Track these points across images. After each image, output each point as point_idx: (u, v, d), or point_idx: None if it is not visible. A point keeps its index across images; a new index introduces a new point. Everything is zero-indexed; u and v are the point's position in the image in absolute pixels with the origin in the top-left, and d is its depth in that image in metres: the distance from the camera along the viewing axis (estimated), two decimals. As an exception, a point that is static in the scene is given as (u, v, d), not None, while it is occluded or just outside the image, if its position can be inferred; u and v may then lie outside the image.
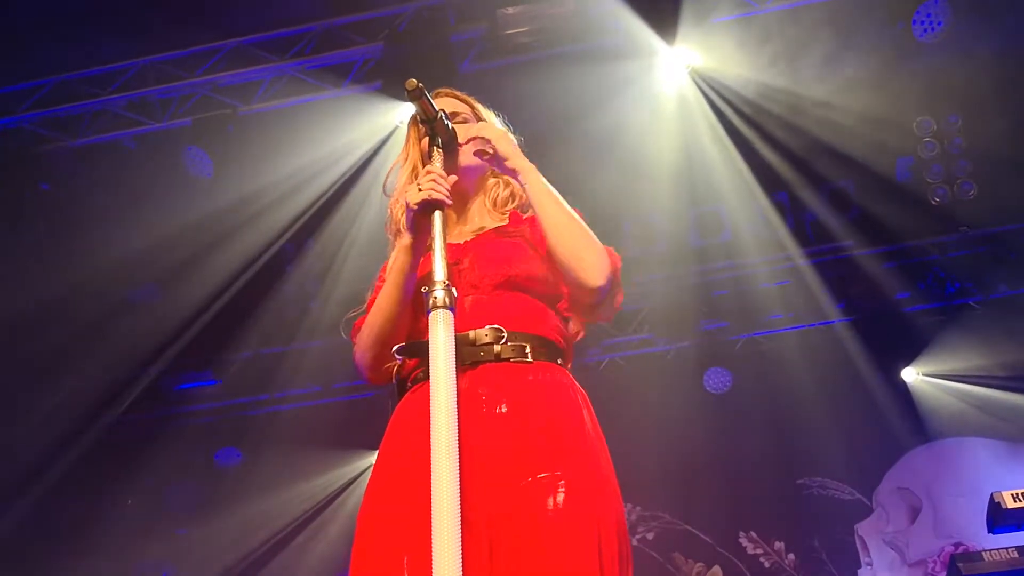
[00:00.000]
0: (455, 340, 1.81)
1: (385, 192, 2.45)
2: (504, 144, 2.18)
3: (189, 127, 5.84)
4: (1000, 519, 4.16)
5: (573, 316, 2.21)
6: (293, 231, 6.38)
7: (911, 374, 7.49)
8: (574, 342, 2.23)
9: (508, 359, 2.01)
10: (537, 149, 2.50)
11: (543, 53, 5.54)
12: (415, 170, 2.31)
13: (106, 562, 7.09)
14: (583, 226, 2.13)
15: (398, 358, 2.13)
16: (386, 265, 2.32)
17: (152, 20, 5.49)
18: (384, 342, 2.16)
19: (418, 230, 2.09)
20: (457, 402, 1.74)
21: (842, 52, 5.63)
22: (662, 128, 6.02)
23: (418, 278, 2.18)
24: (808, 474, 7.38)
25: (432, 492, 1.64)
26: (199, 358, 7.46)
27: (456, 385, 1.76)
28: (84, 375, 6.68)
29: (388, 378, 2.24)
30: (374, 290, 2.35)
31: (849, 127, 5.96)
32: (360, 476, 8.01)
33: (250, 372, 7.65)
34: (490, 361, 2.01)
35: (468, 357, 1.99)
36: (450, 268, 1.90)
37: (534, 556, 1.78)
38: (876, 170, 6.36)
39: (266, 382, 7.65)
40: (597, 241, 2.13)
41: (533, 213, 2.26)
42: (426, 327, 1.82)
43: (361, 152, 5.94)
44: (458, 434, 1.72)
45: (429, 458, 1.68)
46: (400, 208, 2.34)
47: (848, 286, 7.12)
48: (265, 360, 7.56)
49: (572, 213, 2.15)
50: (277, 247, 6.53)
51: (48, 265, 6.13)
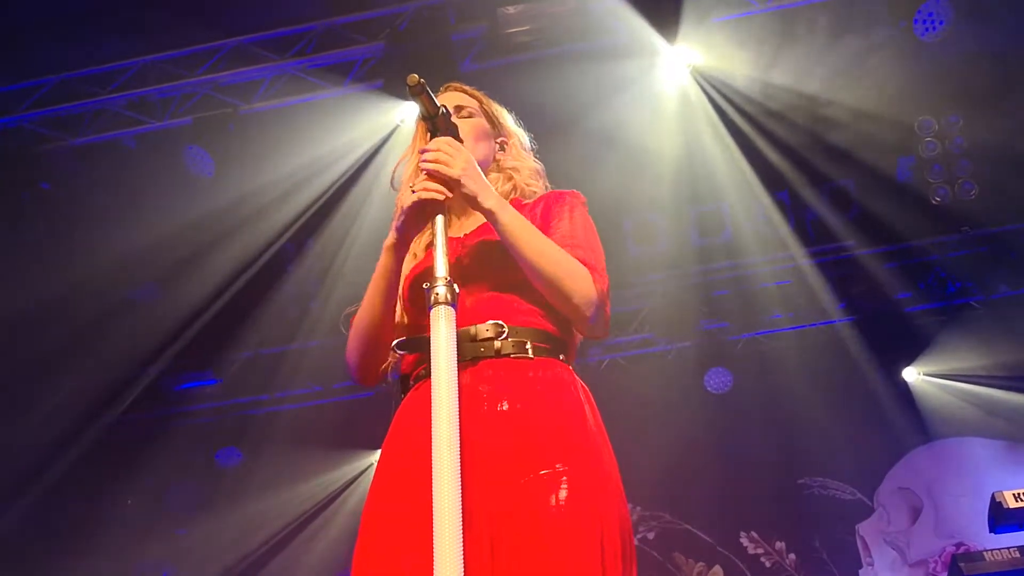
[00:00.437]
0: (456, 335, 1.80)
1: (392, 186, 2.45)
2: (471, 181, 2.02)
3: (190, 126, 5.84)
4: (1001, 519, 4.15)
5: None
6: (294, 230, 6.38)
7: (912, 374, 7.49)
8: (579, 334, 2.20)
9: (509, 355, 2.00)
10: (538, 149, 2.51)
11: (544, 52, 5.54)
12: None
13: (106, 562, 7.09)
14: (562, 262, 2.03)
15: (399, 352, 2.13)
16: None
17: (152, 19, 5.48)
18: (368, 342, 2.16)
19: (404, 231, 2.09)
20: (458, 399, 1.73)
21: (843, 51, 5.63)
22: (663, 127, 6.01)
23: (418, 273, 2.18)
24: (809, 474, 7.38)
25: (433, 489, 1.63)
26: (199, 358, 7.45)
27: (457, 382, 1.75)
28: (84, 375, 6.68)
29: (377, 379, 2.24)
30: None
31: (850, 126, 5.96)
32: (360, 476, 8.02)
33: (250, 372, 7.65)
34: (491, 357, 2.00)
35: (469, 353, 1.98)
36: (450, 263, 1.89)
37: (536, 553, 1.77)
38: (877, 169, 6.36)
39: (266, 382, 7.64)
40: (579, 271, 2.04)
41: (534, 199, 2.26)
42: (428, 323, 1.81)
43: (362, 151, 5.94)
44: (460, 431, 1.71)
45: (431, 456, 1.67)
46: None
47: (849, 286, 7.12)
48: (265, 360, 7.56)
49: (548, 247, 2.04)
50: (278, 246, 6.53)
51: (48, 264, 6.12)
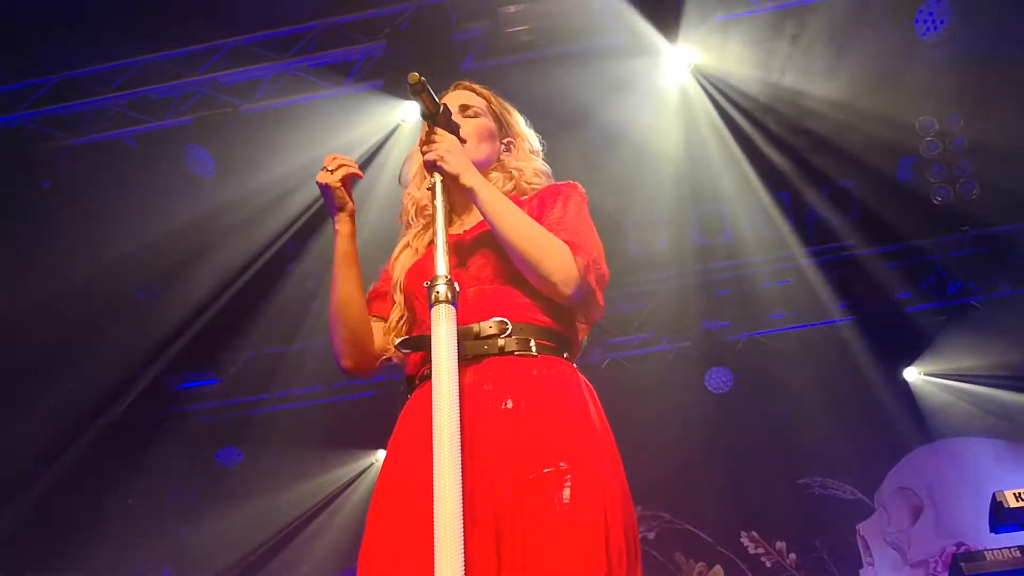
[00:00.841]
0: (459, 333, 1.79)
1: (400, 182, 2.45)
2: (451, 163, 2.03)
3: (190, 125, 5.84)
4: (1002, 518, 4.14)
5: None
6: (294, 230, 6.38)
7: (913, 374, 7.48)
8: (587, 324, 2.20)
9: (512, 352, 2.00)
10: (546, 150, 2.50)
11: (544, 52, 5.53)
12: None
13: (107, 562, 7.09)
14: (540, 238, 2.02)
15: (403, 351, 2.13)
16: (390, 263, 2.33)
17: (153, 19, 5.48)
18: (340, 325, 2.17)
19: (336, 212, 2.16)
20: (461, 397, 1.73)
21: (844, 51, 5.63)
22: (664, 127, 6.01)
23: (420, 271, 2.18)
24: (810, 474, 7.37)
25: (434, 488, 1.63)
26: (200, 357, 7.46)
27: (460, 380, 1.74)
28: (84, 374, 6.68)
29: (369, 366, 2.24)
30: (380, 280, 2.38)
31: (851, 126, 5.95)
32: (360, 476, 8.01)
33: (251, 371, 7.65)
34: (494, 355, 1.99)
35: (472, 351, 1.98)
36: (452, 260, 1.89)
37: (541, 551, 1.78)
38: (878, 169, 6.36)
39: (267, 381, 7.64)
40: (559, 248, 2.03)
41: (531, 195, 2.27)
42: (424, 319, 1.81)
43: (362, 151, 5.94)
44: (463, 430, 1.71)
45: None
46: (410, 199, 2.37)
47: (850, 286, 7.11)
48: (266, 359, 7.56)
49: (528, 224, 2.04)
50: (278, 246, 6.53)
51: (49, 264, 6.12)
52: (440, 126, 2.09)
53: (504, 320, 2.02)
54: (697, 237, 7.04)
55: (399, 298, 2.24)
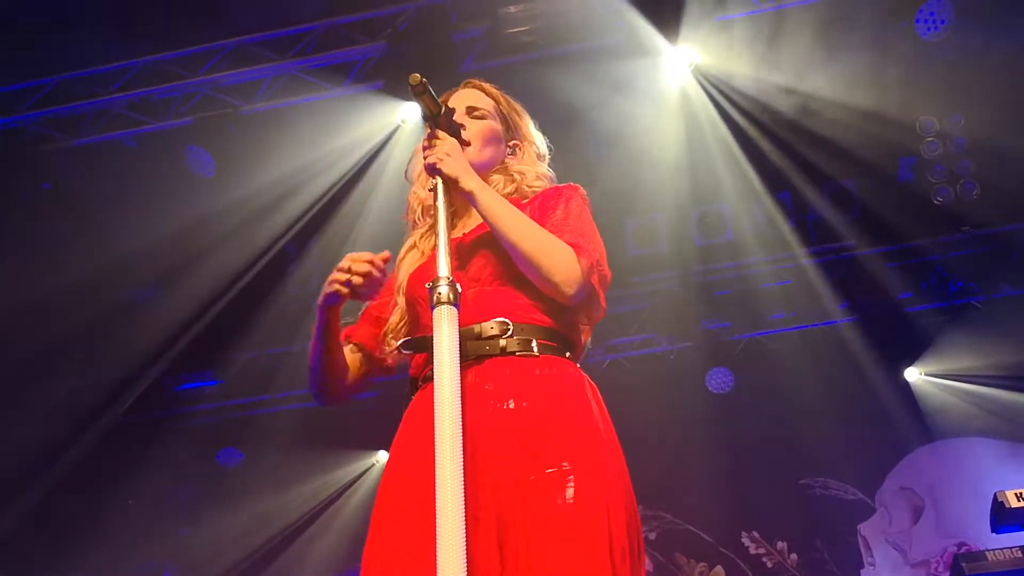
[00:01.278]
0: (460, 334, 1.79)
1: (406, 178, 2.45)
2: (451, 166, 2.03)
3: (190, 126, 5.85)
4: (1004, 519, 4.14)
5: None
6: (295, 231, 6.38)
7: (914, 374, 7.48)
8: (589, 325, 2.19)
9: (514, 353, 2.00)
10: (554, 154, 2.50)
11: (545, 52, 5.53)
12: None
13: (107, 562, 7.09)
14: (542, 239, 2.02)
15: (404, 352, 2.13)
16: (397, 263, 2.32)
17: (153, 19, 5.48)
18: (329, 384, 2.22)
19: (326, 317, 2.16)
20: (463, 398, 1.73)
21: (845, 51, 5.63)
22: (664, 127, 6.01)
23: (422, 272, 2.17)
24: (811, 474, 7.37)
25: (436, 489, 1.63)
26: (200, 358, 7.46)
27: (461, 381, 1.74)
28: (85, 375, 6.69)
29: (343, 402, 2.29)
30: (378, 295, 2.36)
31: (851, 126, 5.95)
32: (361, 477, 8.00)
33: (251, 372, 7.64)
34: (496, 355, 1.99)
35: (474, 352, 1.97)
36: (453, 262, 1.89)
37: (544, 551, 1.77)
38: (879, 169, 6.36)
39: (267, 382, 7.63)
40: (561, 249, 2.03)
41: (532, 197, 2.26)
42: (428, 323, 1.81)
43: (363, 151, 5.94)
44: (465, 430, 1.70)
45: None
46: (415, 198, 2.36)
47: (850, 286, 7.11)
48: (267, 360, 7.55)
49: (529, 226, 2.04)
50: (279, 247, 6.52)
51: (49, 264, 6.12)
52: (441, 128, 2.09)
53: (505, 320, 2.02)
54: (698, 237, 7.03)
55: (401, 300, 2.23)
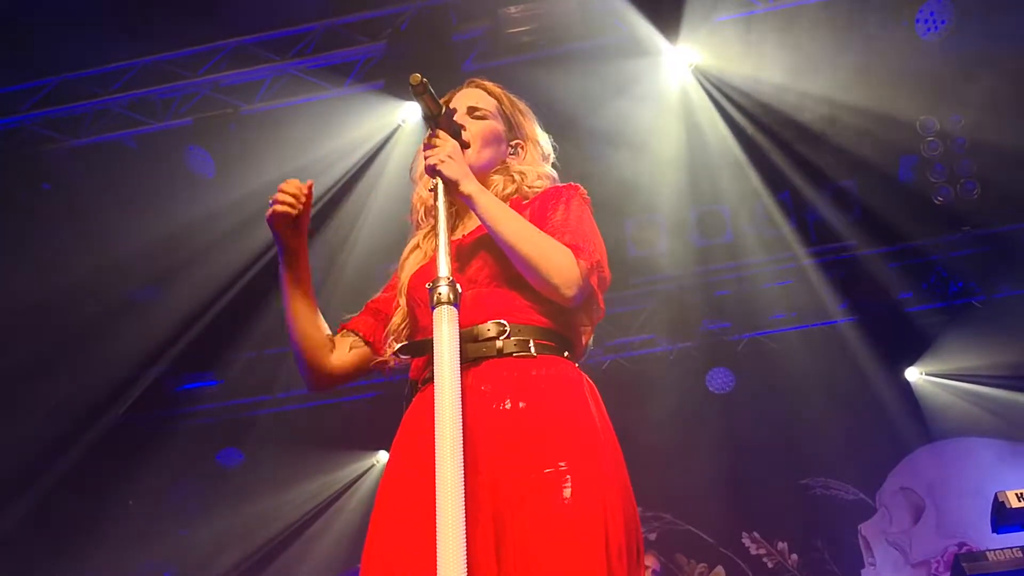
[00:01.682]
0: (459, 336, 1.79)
1: (411, 178, 2.44)
2: (451, 169, 2.03)
3: (191, 127, 5.84)
4: (1004, 519, 4.13)
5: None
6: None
7: (914, 374, 7.48)
8: (590, 326, 2.19)
9: (511, 354, 1.99)
10: (559, 154, 2.49)
11: (545, 52, 5.53)
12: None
13: (108, 562, 7.09)
14: (541, 242, 2.02)
15: (403, 357, 2.12)
16: (400, 263, 2.32)
17: (154, 20, 5.48)
18: (298, 351, 2.20)
19: (278, 243, 2.17)
20: (462, 399, 1.73)
21: (845, 51, 5.63)
22: (664, 127, 6.01)
23: (422, 274, 2.17)
24: (811, 474, 7.37)
25: (437, 490, 1.63)
26: (201, 358, 7.46)
27: (460, 382, 1.74)
28: (85, 375, 6.68)
29: (331, 386, 2.27)
30: (383, 289, 2.37)
31: (852, 126, 5.95)
32: (361, 477, 8.01)
33: (252, 372, 7.65)
34: (493, 357, 1.99)
35: (471, 353, 1.97)
36: (452, 264, 1.88)
37: (541, 551, 1.77)
38: (879, 169, 6.35)
39: (268, 382, 7.64)
40: (560, 251, 2.02)
41: (532, 197, 2.25)
42: (429, 325, 1.80)
43: (363, 152, 5.94)
44: (463, 432, 1.70)
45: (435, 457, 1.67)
46: (419, 198, 2.36)
47: (851, 286, 7.11)
48: (267, 360, 7.56)
49: (527, 229, 2.04)
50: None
51: (49, 265, 6.12)
52: (442, 128, 2.08)
53: (502, 322, 2.02)
54: (698, 238, 7.03)
55: (402, 302, 2.23)
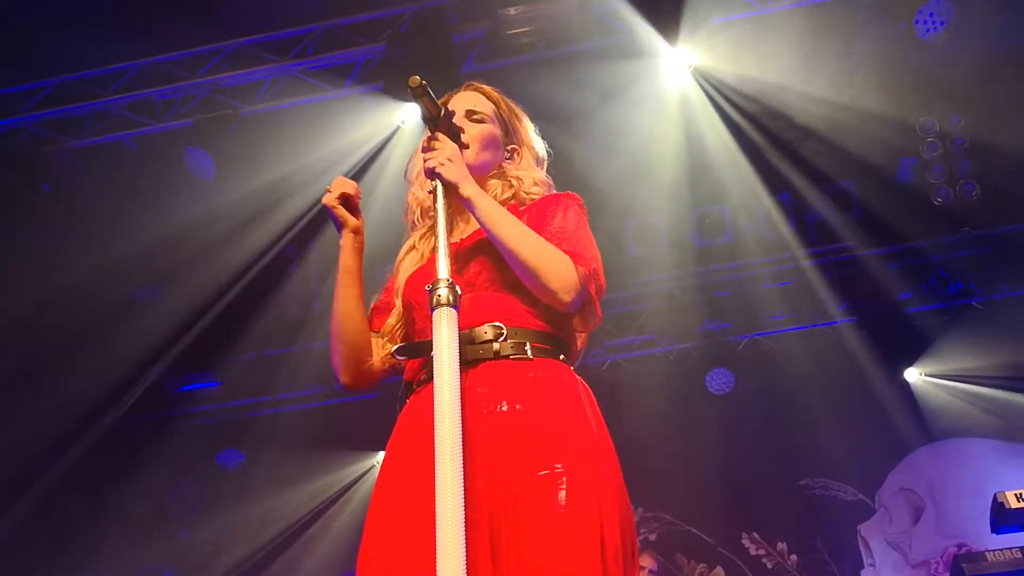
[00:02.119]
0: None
1: (406, 178, 2.44)
2: (450, 171, 2.04)
3: (191, 128, 5.84)
4: (1003, 519, 4.14)
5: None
6: (295, 232, 6.38)
7: (914, 374, 7.48)
8: (584, 332, 2.19)
9: (508, 356, 2.00)
10: (553, 159, 2.49)
11: (545, 53, 5.53)
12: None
13: (108, 563, 7.09)
14: (540, 247, 2.03)
15: (399, 359, 2.13)
16: (395, 265, 2.33)
17: (154, 20, 5.48)
18: (342, 341, 2.20)
19: (340, 228, 2.21)
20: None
21: (844, 52, 5.63)
22: (664, 128, 6.01)
23: (421, 276, 2.17)
24: (811, 475, 7.37)
25: (436, 490, 1.63)
26: (201, 359, 7.46)
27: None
28: (85, 376, 6.67)
29: (365, 384, 2.26)
30: (383, 292, 2.37)
31: (851, 127, 5.95)
32: (362, 477, 8.02)
33: (252, 373, 7.65)
34: (489, 359, 1.99)
35: (468, 355, 1.97)
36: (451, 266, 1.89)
37: (536, 553, 1.78)
38: (879, 170, 6.35)
39: (268, 383, 7.65)
40: (558, 257, 2.03)
41: (529, 204, 2.26)
42: (425, 327, 1.81)
43: (363, 152, 5.94)
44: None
45: (433, 458, 1.67)
46: (415, 199, 2.36)
47: (850, 287, 7.11)
48: (267, 361, 7.56)
49: (526, 234, 2.04)
50: (279, 248, 6.52)
51: (49, 266, 6.12)
52: (441, 130, 2.09)
53: (499, 325, 2.02)
54: (698, 238, 7.03)
55: (398, 303, 2.24)
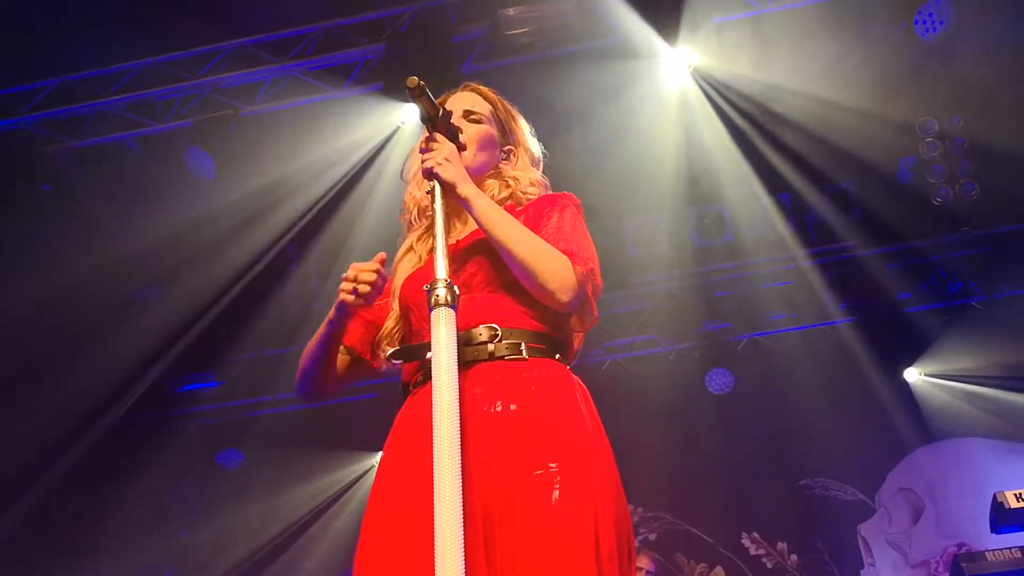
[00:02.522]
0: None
1: (402, 178, 2.44)
2: (448, 171, 2.04)
3: (191, 128, 5.84)
4: (1003, 519, 4.14)
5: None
6: (295, 232, 6.38)
7: (913, 374, 7.48)
8: (581, 331, 2.19)
9: (503, 357, 2.00)
10: (548, 159, 2.49)
11: (544, 54, 5.53)
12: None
13: (108, 563, 7.09)
14: (537, 247, 2.03)
15: (395, 362, 2.13)
16: (393, 266, 2.32)
17: (154, 21, 5.49)
18: (308, 379, 2.25)
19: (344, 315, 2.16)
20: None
21: (844, 52, 5.63)
22: (664, 129, 6.01)
23: (419, 276, 2.18)
24: (811, 475, 7.37)
25: (435, 489, 1.63)
26: (201, 359, 7.46)
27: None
28: (86, 376, 6.68)
29: (323, 398, 2.31)
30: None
31: (851, 127, 5.95)
32: (362, 478, 8.02)
33: (252, 373, 7.65)
34: (484, 360, 2.00)
35: (463, 357, 1.96)
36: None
37: (530, 552, 1.78)
38: (878, 170, 6.36)
39: (268, 383, 7.64)
40: (556, 256, 2.03)
41: (526, 204, 2.26)
42: (422, 329, 1.80)
43: (363, 153, 5.95)
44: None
45: (430, 458, 1.67)
46: (412, 199, 2.36)
47: (850, 286, 7.11)
48: (267, 361, 7.56)
49: (524, 234, 2.05)
50: (279, 248, 6.53)
51: (50, 266, 6.12)
52: (439, 131, 2.09)
53: (494, 326, 2.03)
54: (697, 238, 7.04)
55: (395, 305, 2.23)
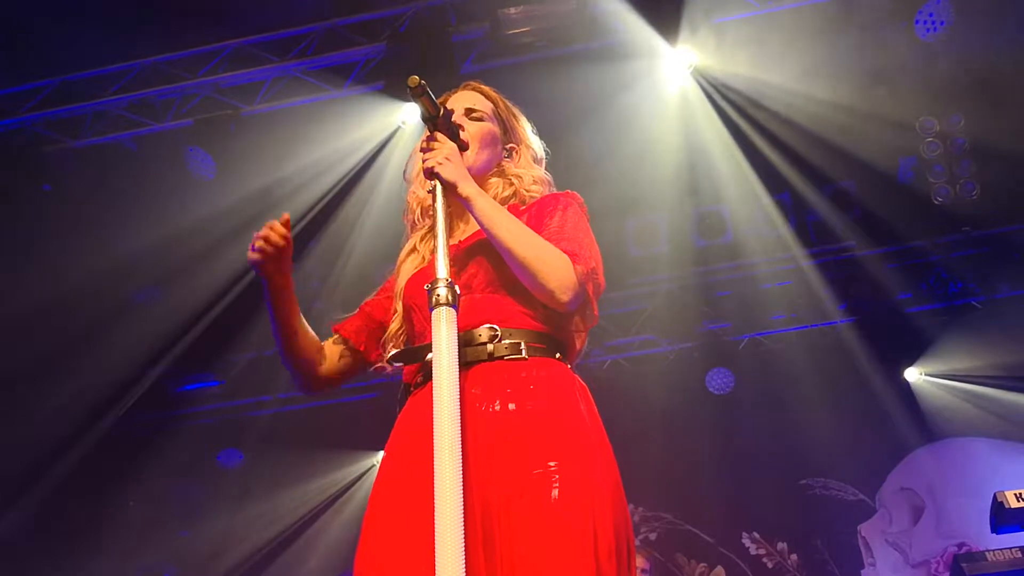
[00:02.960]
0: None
1: (405, 178, 2.44)
2: (449, 171, 2.04)
3: (191, 128, 5.84)
4: (1003, 519, 4.14)
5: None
6: (295, 232, 6.37)
7: (914, 374, 7.49)
8: (583, 331, 2.19)
9: (502, 357, 2.00)
10: (550, 157, 2.49)
11: (544, 54, 5.53)
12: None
13: (108, 563, 7.10)
14: (538, 246, 2.03)
15: (395, 365, 2.13)
16: (396, 266, 2.33)
17: (154, 21, 5.49)
18: (287, 360, 2.27)
19: (263, 277, 2.27)
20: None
21: (844, 52, 5.63)
22: (664, 129, 6.01)
23: (420, 276, 2.18)
24: (811, 475, 7.38)
25: (435, 489, 1.64)
26: (201, 359, 7.47)
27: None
28: (86, 376, 6.69)
29: (321, 390, 2.31)
30: (378, 290, 2.37)
31: (851, 127, 5.95)
32: (362, 477, 8.02)
33: (252, 373, 7.66)
34: (484, 361, 2.00)
35: (464, 357, 1.96)
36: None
37: (529, 550, 1.78)
38: (879, 170, 6.35)
39: (268, 383, 7.64)
40: (556, 256, 2.02)
41: (530, 203, 2.26)
42: (425, 330, 1.80)
43: (363, 153, 5.95)
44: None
45: (431, 458, 1.67)
46: (414, 199, 2.36)
47: (850, 286, 7.11)
48: (267, 361, 7.56)
49: (525, 233, 2.04)
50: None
51: (50, 266, 6.12)
52: (440, 130, 2.09)
53: (494, 326, 2.03)
54: (698, 238, 7.03)
55: (399, 306, 2.23)
